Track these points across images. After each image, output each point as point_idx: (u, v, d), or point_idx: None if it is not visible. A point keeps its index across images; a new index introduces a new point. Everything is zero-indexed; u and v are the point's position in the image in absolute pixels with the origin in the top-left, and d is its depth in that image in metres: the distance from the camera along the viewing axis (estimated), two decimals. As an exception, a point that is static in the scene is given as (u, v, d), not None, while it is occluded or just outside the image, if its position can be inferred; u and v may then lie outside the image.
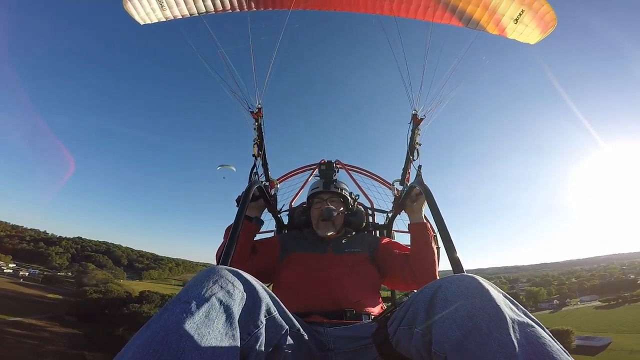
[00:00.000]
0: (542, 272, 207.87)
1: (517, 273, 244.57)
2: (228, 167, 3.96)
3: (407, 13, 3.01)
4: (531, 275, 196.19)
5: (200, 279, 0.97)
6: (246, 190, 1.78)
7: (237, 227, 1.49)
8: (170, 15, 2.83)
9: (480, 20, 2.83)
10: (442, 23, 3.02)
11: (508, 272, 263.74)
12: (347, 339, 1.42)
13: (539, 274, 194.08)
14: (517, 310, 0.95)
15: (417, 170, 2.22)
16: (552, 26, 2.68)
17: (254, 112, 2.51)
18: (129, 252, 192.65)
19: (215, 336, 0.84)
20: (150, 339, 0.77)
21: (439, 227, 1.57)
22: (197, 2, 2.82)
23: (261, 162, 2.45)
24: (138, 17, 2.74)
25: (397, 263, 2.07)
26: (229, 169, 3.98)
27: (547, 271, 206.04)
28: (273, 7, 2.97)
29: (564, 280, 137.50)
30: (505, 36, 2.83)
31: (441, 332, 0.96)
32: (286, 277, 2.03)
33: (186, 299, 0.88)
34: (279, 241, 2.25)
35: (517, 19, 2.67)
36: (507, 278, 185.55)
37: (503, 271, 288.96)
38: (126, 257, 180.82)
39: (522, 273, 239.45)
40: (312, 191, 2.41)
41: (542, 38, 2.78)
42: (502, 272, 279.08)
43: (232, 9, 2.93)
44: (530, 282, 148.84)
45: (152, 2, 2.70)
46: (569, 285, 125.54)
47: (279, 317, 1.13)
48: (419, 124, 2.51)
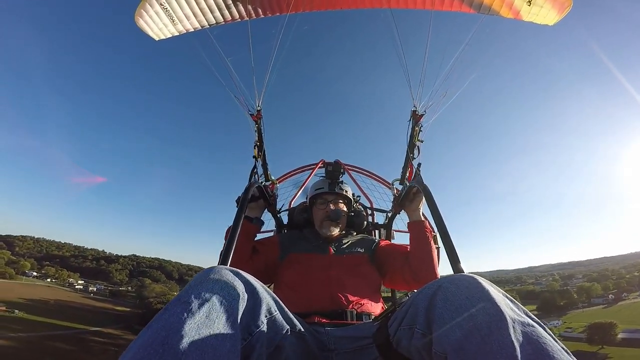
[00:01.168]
0: (602, 266, 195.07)
1: (573, 269, 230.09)
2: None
3: (415, 4, 2.95)
4: (589, 270, 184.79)
5: (200, 279, 0.98)
6: (245, 191, 1.80)
7: (237, 227, 1.52)
8: (182, 29, 2.92)
9: (492, 4, 2.77)
10: (451, 11, 2.93)
11: (563, 269, 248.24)
12: (347, 339, 1.42)
13: (597, 268, 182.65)
14: (518, 310, 0.95)
15: (417, 168, 2.26)
16: (569, 5, 2.64)
17: (254, 114, 2.57)
18: (178, 267, 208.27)
19: (216, 336, 0.85)
20: (152, 339, 0.78)
21: (438, 226, 1.55)
22: (207, 14, 2.91)
23: (261, 162, 2.49)
24: (152, 32, 2.83)
25: (397, 262, 2.08)
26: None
27: (607, 265, 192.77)
28: (272, 12, 3.06)
29: (624, 274, 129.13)
30: (521, 19, 2.78)
31: (441, 333, 0.96)
32: (287, 277, 2.03)
33: (187, 299, 0.89)
34: (279, 241, 2.24)
35: (531, 1, 2.63)
36: (561, 275, 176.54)
37: (557, 268, 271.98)
38: (177, 271, 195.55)
39: (579, 269, 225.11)
40: (317, 191, 2.37)
41: (560, 18, 2.72)
42: (555, 269, 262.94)
43: (240, 18, 3.04)
44: (586, 277, 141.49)
45: (164, 17, 2.77)
46: (629, 279, 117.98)
47: (279, 317, 1.14)
48: (419, 120, 2.50)
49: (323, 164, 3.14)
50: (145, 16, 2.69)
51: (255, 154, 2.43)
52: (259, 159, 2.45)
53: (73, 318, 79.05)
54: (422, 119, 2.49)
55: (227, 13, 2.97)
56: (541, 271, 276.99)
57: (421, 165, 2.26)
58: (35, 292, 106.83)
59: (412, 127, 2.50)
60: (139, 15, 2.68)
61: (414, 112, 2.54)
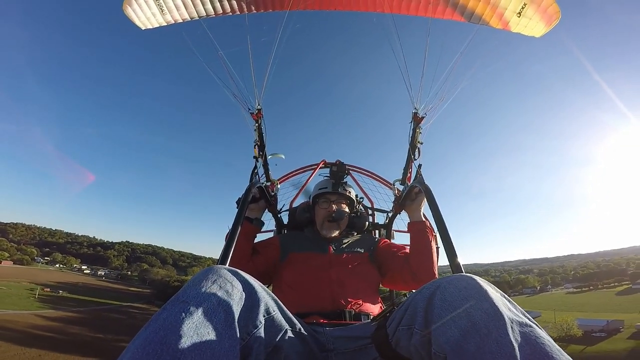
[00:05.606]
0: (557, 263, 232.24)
1: (540, 265, 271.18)
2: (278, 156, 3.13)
3: (408, 10, 3.06)
4: (546, 266, 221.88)
5: (198, 278, 1.00)
6: (246, 192, 1.83)
7: (237, 228, 1.56)
8: (170, 19, 2.88)
9: (482, 14, 2.90)
10: (443, 19, 3.08)
11: (531, 264, 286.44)
12: (346, 339, 1.45)
13: (551, 265, 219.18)
14: (516, 310, 0.98)
15: (417, 169, 2.31)
16: (557, 18, 2.74)
17: (254, 113, 2.58)
18: (171, 253, 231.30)
19: (214, 336, 0.86)
20: (149, 339, 0.80)
21: (438, 226, 1.59)
22: (197, 5, 2.88)
23: (262, 163, 2.51)
24: (139, 21, 2.80)
25: (396, 262, 2.13)
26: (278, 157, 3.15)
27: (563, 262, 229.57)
28: (272, 8, 3.06)
29: (559, 271, 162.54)
30: (510, 30, 2.90)
31: (440, 333, 0.98)
32: (286, 277, 2.08)
33: (185, 299, 0.91)
34: (279, 241, 2.28)
35: (520, 13, 2.73)
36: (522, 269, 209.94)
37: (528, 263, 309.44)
38: (170, 257, 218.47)
39: (545, 264, 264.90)
40: (319, 191, 2.41)
41: (547, 31, 2.84)
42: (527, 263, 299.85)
43: (232, 12, 3.00)
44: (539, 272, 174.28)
45: (153, 6, 2.74)
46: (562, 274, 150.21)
47: (278, 317, 1.17)
48: (420, 122, 2.56)
49: (324, 164, 3.29)
50: (133, 4, 2.70)
51: (255, 154, 2.45)
52: (260, 159, 2.47)
53: (103, 296, 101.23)
54: (422, 121, 2.59)
55: (219, 6, 2.98)
56: (512, 265, 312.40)
57: (422, 166, 2.34)
58: (55, 276, 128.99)
59: (413, 129, 2.58)
60: (128, 3, 2.69)
61: (414, 114, 2.61)
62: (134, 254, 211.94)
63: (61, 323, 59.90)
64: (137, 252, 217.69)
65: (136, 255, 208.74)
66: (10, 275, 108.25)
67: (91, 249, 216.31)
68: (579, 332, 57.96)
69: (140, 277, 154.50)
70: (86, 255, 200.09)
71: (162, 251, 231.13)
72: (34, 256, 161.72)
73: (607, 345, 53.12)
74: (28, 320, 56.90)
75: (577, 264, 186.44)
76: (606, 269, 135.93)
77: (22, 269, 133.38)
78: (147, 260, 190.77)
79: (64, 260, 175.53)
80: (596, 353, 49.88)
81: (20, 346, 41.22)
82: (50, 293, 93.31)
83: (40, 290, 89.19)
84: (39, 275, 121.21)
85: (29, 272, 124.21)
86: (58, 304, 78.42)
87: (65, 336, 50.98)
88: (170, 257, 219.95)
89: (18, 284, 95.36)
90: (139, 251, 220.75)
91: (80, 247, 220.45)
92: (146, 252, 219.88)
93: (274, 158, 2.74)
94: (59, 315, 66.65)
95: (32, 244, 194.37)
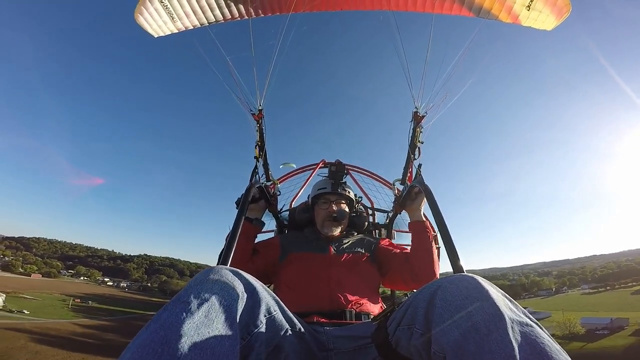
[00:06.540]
0: (578, 265, 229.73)
1: (561, 267, 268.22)
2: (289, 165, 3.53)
3: (415, 7, 3.04)
4: (566, 268, 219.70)
5: (200, 278, 1.01)
6: (246, 192, 1.84)
7: (237, 228, 1.57)
8: (181, 26, 2.98)
9: (491, 8, 2.86)
10: (451, 14, 3.03)
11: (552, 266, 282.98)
12: (346, 339, 1.46)
13: (572, 267, 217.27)
14: (517, 310, 0.99)
15: (417, 169, 2.33)
16: (567, 11, 2.72)
17: (256, 114, 2.61)
18: (188, 265, 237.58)
19: (215, 336, 0.87)
20: (150, 338, 0.81)
21: (439, 226, 1.60)
22: (207, 12, 2.96)
23: (262, 163, 2.54)
24: (151, 29, 2.88)
25: (396, 262, 2.15)
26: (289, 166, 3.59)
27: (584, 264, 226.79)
28: (279, 11, 3.13)
29: (577, 272, 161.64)
30: (520, 24, 2.87)
31: (440, 333, 0.99)
32: (287, 277, 2.10)
33: (186, 299, 0.92)
34: (279, 242, 2.30)
35: (530, 6, 2.71)
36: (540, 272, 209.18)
37: (548, 265, 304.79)
38: (187, 269, 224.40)
39: (565, 267, 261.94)
40: (319, 191, 2.44)
41: (558, 24, 2.81)
42: (547, 266, 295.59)
43: (240, 17, 3.10)
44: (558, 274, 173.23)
45: (163, 14, 2.82)
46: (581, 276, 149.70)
47: (279, 317, 1.19)
48: (421, 121, 2.56)
49: (324, 164, 3.31)
50: (145, 13, 2.77)
51: (256, 154, 2.48)
52: (260, 159, 2.51)
53: (129, 306, 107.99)
54: (423, 120, 2.58)
55: (227, 12, 3.05)
56: (531, 268, 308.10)
57: (422, 165, 2.36)
58: (82, 288, 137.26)
59: (413, 128, 2.59)
60: (139, 12, 2.75)
61: (415, 113, 2.61)
62: (152, 267, 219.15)
63: (96, 330, 65.96)
64: (155, 264, 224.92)
65: (154, 268, 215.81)
66: (41, 287, 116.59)
67: (111, 262, 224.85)
68: (581, 329, 60.48)
69: (161, 288, 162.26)
70: (107, 268, 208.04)
71: (179, 263, 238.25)
72: (60, 269, 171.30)
73: (607, 342, 55.51)
74: (68, 328, 62.97)
75: (599, 265, 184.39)
76: (626, 268, 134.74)
77: (50, 281, 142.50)
78: (166, 272, 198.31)
79: (87, 273, 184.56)
80: (595, 349, 52.28)
81: (67, 351, 46.63)
82: (81, 303, 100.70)
83: (72, 301, 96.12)
84: (66, 287, 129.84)
85: (57, 285, 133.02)
86: (90, 313, 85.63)
87: (101, 341, 56.51)
88: (188, 269, 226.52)
89: (51, 295, 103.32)
90: (157, 263, 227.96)
91: (101, 260, 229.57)
92: (164, 265, 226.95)
93: (285, 167, 3.03)
94: (93, 324, 73.11)
95: (55, 257, 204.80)
